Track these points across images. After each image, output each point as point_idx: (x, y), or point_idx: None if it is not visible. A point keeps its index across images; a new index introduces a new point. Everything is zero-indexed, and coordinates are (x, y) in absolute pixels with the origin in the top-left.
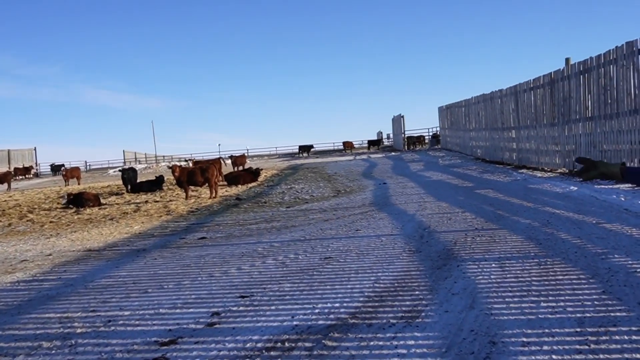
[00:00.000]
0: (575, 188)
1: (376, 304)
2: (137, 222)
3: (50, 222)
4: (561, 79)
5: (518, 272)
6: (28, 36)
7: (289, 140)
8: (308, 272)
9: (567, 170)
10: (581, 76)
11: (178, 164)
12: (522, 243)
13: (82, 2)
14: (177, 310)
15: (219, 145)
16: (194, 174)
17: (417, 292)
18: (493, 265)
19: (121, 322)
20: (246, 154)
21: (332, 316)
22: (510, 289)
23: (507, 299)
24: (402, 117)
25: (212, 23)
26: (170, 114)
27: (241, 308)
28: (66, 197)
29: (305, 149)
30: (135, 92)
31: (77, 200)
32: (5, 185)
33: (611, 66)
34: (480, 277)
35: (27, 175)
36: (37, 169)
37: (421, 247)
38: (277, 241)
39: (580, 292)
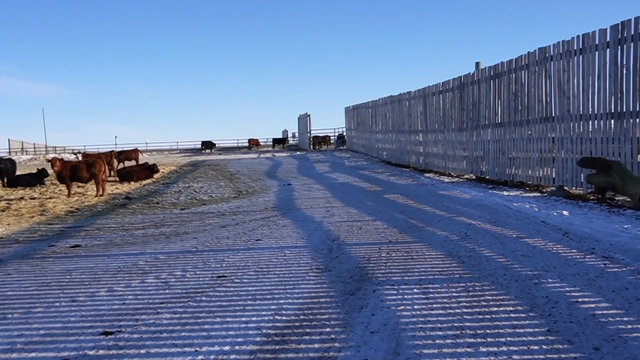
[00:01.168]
0: (486, 196)
1: (277, 346)
2: (3, 224)
3: None
4: (471, 83)
5: (445, 300)
6: None
7: (192, 135)
8: (195, 296)
9: (474, 177)
10: (492, 81)
11: (59, 157)
12: (444, 261)
13: None
14: (13, 356)
15: (116, 137)
16: (78, 169)
17: (327, 329)
18: (415, 290)
19: None
20: (140, 148)
21: None
22: (439, 325)
23: (438, 341)
24: (309, 116)
25: (116, 8)
26: (66, 103)
27: (100, 352)
28: None
29: (208, 145)
30: (28, 77)
31: None
32: None
33: (523, 72)
34: (402, 307)
35: None
36: None
37: (330, 264)
38: (164, 252)
39: (522, 330)
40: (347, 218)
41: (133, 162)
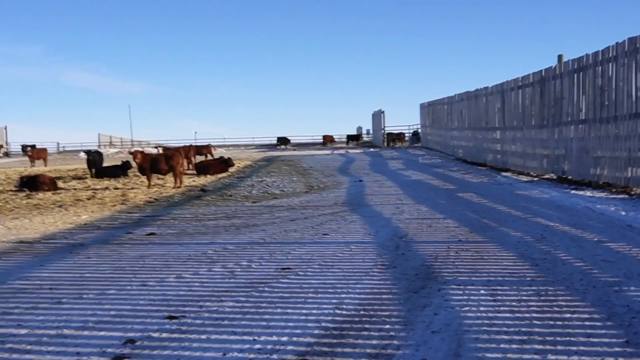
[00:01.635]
0: (566, 197)
1: (334, 340)
2: (88, 211)
3: None
4: (552, 77)
5: (514, 303)
6: (12, 14)
7: (268, 131)
8: (258, 287)
9: (554, 177)
10: (575, 75)
11: (140, 149)
12: (515, 262)
13: None
14: (84, 333)
15: (195, 133)
16: (158, 161)
17: (387, 326)
18: (482, 291)
19: (9, 346)
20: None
21: (274, 357)
22: (505, 329)
23: (502, 345)
24: (383, 112)
25: (198, 11)
26: (151, 100)
27: (163, 335)
28: (19, 179)
29: (283, 141)
30: (116, 76)
31: (31, 183)
32: None
33: (610, 65)
34: (467, 307)
35: None
36: (7, 148)
37: (396, 261)
38: (233, 243)
39: (596, 340)
40: (417, 215)
41: (204, 157)
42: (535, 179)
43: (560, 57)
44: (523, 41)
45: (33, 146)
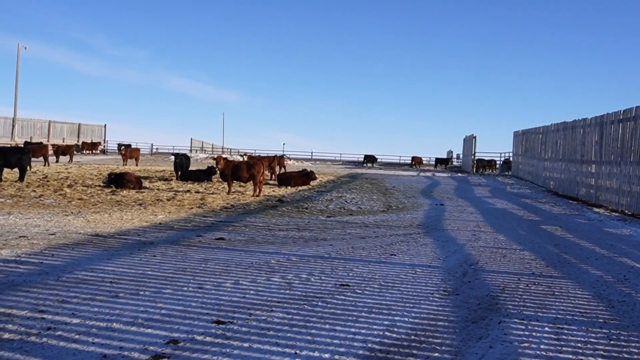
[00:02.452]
0: None
1: None
2: (165, 211)
3: (80, 199)
4: None
5: (579, 345)
6: (123, 19)
7: (355, 148)
8: (312, 300)
9: None
10: None
11: (224, 156)
12: (589, 302)
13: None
14: (132, 329)
15: (284, 144)
16: (239, 169)
17: (436, 354)
18: (546, 328)
19: (59, 333)
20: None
21: None
22: None
23: None
24: (475, 137)
25: (301, 29)
26: (245, 109)
27: (207, 339)
28: (107, 176)
29: (370, 159)
30: (215, 84)
31: (118, 181)
32: (69, 157)
33: None
34: (526, 344)
35: (94, 151)
36: (104, 146)
37: (460, 288)
38: (297, 255)
39: None
40: (493, 244)
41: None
42: (629, 217)
43: None
44: (624, 74)
45: (128, 146)
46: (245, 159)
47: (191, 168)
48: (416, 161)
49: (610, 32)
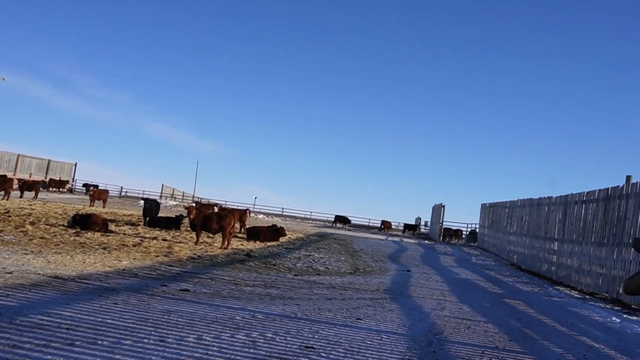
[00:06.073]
0: (619, 320)
1: None
2: (130, 257)
3: (42, 237)
4: (618, 197)
5: None
6: (108, 60)
7: (326, 208)
8: None
9: (609, 297)
10: None
11: (195, 206)
12: None
13: (165, 42)
14: None
15: (255, 198)
16: (210, 220)
17: None
18: None
19: None
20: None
21: None
22: None
23: None
24: (443, 206)
25: (280, 84)
26: (219, 160)
27: None
28: (72, 217)
29: (342, 220)
30: (192, 132)
31: (83, 222)
32: (34, 193)
33: None
34: None
35: (61, 189)
36: (72, 185)
37: (425, 358)
38: (263, 312)
39: None
40: (458, 315)
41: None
42: (588, 296)
43: (628, 177)
44: (589, 157)
45: (96, 186)
46: (216, 210)
47: (160, 214)
48: (385, 225)
49: (576, 121)
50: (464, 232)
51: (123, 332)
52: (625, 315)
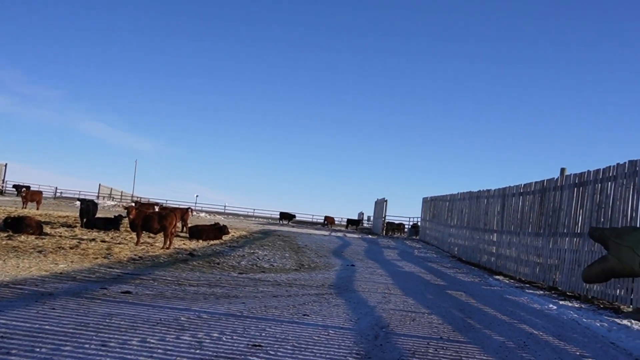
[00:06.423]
0: (555, 307)
1: None
2: (67, 260)
3: None
4: (553, 188)
5: None
6: (38, 57)
7: (269, 205)
8: None
9: (545, 285)
10: (575, 189)
11: (134, 205)
12: None
13: (102, 38)
14: None
15: (197, 196)
16: (151, 219)
17: None
18: None
19: None
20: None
21: None
22: None
23: None
24: (386, 201)
25: (224, 79)
26: (159, 158)
27: None
28: (4, 220)
29: (287, 216)
30: (130, 130)
31: (16, 225)
32: None
33: (609, 183)
34: None
35: None
36: (3, 187)
37: (372, 352)
38: (209, 312)
39: None
40: (403, 307)
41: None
42: (527, 285)
43: (562, 170)
44: (527, 149)
45: (27, 187)
46: (157, 209)
47: (98, 215)
48: (329, 221)
49: (516, 119)
50: (406, 226)
51: (62, 338)
52: (561, 302)
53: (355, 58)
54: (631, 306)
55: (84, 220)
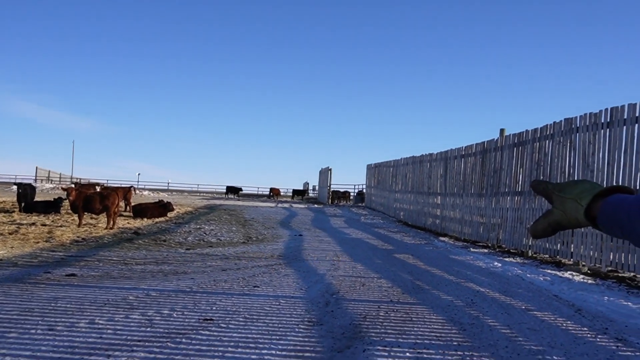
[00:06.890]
0: (500, 265)
1: None
2: (6, 246)
3: None
4: (494, 149)
5: None
6: None
7: (213, 179)
8: (176, 337)
9: (489, 244)
10: (515, 149)
11: (74, 187)
12: (444, 326)
13: (33, 12)
14: None
15: (139, 174)
16: (92, 200)
17: None
18: (407, 354)
19: None
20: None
21: None
22: None
23: None
24: (330, 170)
25: (161, 53)
26: (98, 137)
27: None
28: None
29: (233, 190)
30: (66, 109)
31: None
32: None
33: (547, 142)
34: None
35: None
36: None
37: (324, 318)
38: (157, 290)
39: None
40: (352, 273)
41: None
42: (471, 245)
43: (502, 130)
44: (469, 112)
45: None
46: (98, 189)
47: (37, 199)
48: (274, 192)
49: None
50: (352, 194)
51: (6, 325)
52: (506, 259)
53: (292, 28)
54: (572, 259)
55: (22, 204)
